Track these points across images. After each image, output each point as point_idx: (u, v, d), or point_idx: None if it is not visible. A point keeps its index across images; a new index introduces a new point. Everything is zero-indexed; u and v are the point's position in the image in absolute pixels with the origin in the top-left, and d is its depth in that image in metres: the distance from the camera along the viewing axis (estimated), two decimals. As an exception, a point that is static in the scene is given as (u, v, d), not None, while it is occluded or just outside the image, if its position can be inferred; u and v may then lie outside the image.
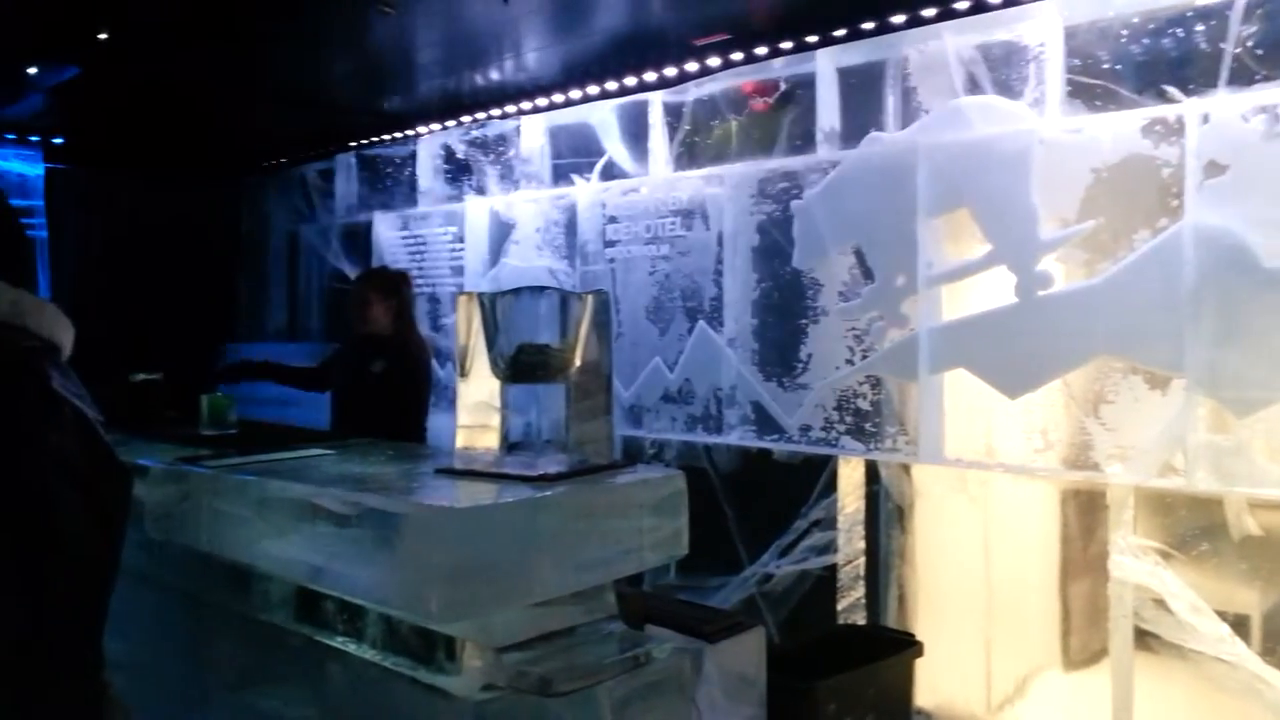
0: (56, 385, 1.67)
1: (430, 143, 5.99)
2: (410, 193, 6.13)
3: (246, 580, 2.33)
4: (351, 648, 2.15)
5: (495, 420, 1.96)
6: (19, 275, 1.75)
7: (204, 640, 2.51)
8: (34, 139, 6.46)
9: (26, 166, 6.50)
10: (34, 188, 6.51)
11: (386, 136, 6.27)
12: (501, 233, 5.47)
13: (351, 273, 6.48)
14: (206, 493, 2.22)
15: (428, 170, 6.00)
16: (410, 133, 6.09)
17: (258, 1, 3.94)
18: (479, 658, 1.94)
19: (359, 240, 6.48)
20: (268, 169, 7.34)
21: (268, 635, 2.31)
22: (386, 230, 6.24)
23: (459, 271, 5.70)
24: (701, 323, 4.46)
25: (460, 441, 2.02)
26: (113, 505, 1.73)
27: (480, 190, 5.64)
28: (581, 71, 4.93)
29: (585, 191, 5.00)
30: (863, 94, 3.98)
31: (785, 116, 4.22)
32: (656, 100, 4.70)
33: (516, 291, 1.95)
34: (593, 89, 5.03)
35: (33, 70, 4.62)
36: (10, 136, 6.35)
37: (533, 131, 5.34)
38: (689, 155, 4.59)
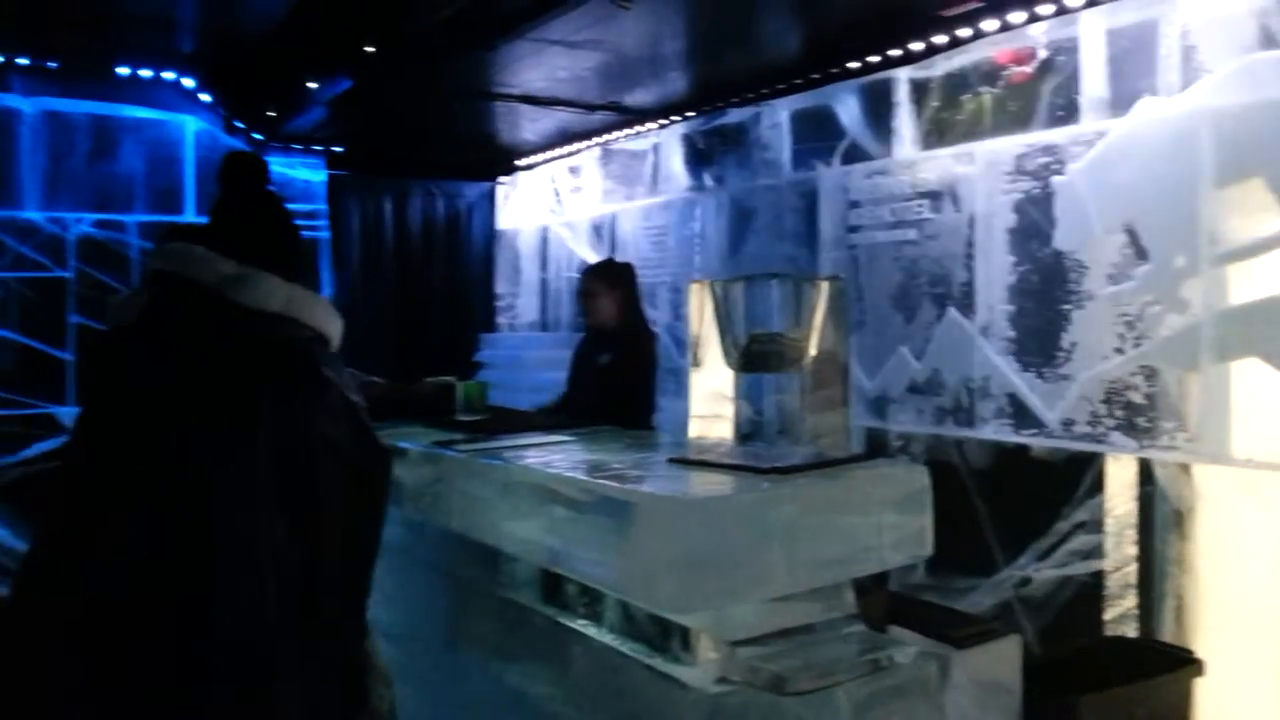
0: (326, 373, 1.80)
1: (671, 134, 6.05)
2: (652, 184, 6.22)
3: (496, 560, 2.43)
4: (591, 631, 2.19)
5: (728, 410, 1.92)
6: (295, 272, 1.90)
7: (461, 615, 2.64)
8: (317, 148, 7.07)
9: (311, 173, 7.14)
10: (318, 193, 7.14)
11: (629, 130, 6.39)
12: (741, 221, 5.44)
13: (597, 265, 6.68)
14: (457, 476, 2.32)
15: (668, 161, 6.07)
16: (652, 125, 6.17)
17: (508, 10, 4.10)
18: (714, 650, 1.91)
19: (604, 233, 6.66)
20: (521, 167, 7.68)
21: (515, 613, 2.40)
22: (629, 222, 6.37)
23: (698, 260, 5.73)
24: (951, 310, 4.23)
25: (693, 431, 2.00)
26: (375, 485, 1.84)
27: (719, 180, 5.64)
28: (822, 53, 4.80)
29: (826, 176, 4.87)
30: (1134, 56, 3.63)
31: (1045, 86, 3.91)
32: (902, 77, 4.50)
33: (748, 279, 1.90)
34: (834, 70, 4.89)
35: (312, 85, 5.05)
36: (297, 147, 6.98)
37: (772, 117, 5.27)
38: (937, 133, 4.37)
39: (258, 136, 6.61)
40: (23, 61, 5.56)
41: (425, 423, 2.99)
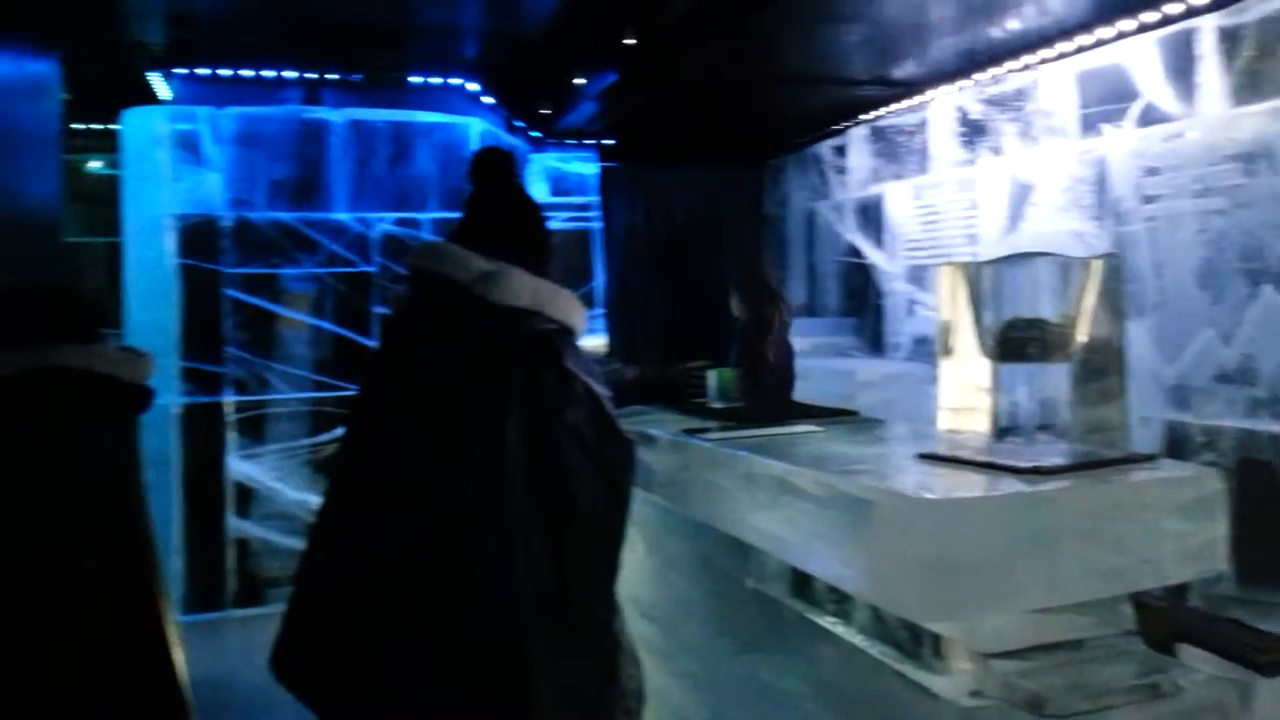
0: (569, 364, 1.84)
1: (942, 106, 5.73)
2: (922, 160, 5.93)
3: (747, 550, 2.40)
4: (841, 629, 2.11)
5: (983, 403, 1.77)
6: (541, 266, 1.95)
7: (716, 602, 2.63)
8: (589, 142, 7.32)
9: (584, 167, 7.41)
10: (591, 186, 7.40)
11: (897, 105, 6.12)
12: (1020, 195, 5.06)
13: (865, 248, 6.46)
14: (703, 464, 2.31)
15: (940, 135, 5.76)
16: (921, 98, 5.88)
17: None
18: (968, 661, 1.78)
19: (872, 214, 6.44)
20: (786, 150, 7.58)
21: (766, 606, 2.36)
22: (898, 201, 6.11)
23: (974, 239, 5.40)
24: (1268, 288, 3.72)
25: (944, 425, 1.86)
26: (618, 472, 1.86)
27: (996, 151, 5.27)
28: (1113, 5, 4.35)
29: (1117, 142, 4.42)
30: None
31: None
32: (1207, 26, 4.00)
33: (1005, 259, 1.73)
34: (1126, 24, 4.42)
35: (580, 80, 5.22)
36: (571, 142, 7.26)
37: (1054, 81, 4.86)
38: (1251, 87, 3.84)
39: (535, 134, 6.94)
40: (332, 77, 6.15)
41: (679, 409, 3.00)
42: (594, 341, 6.81)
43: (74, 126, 5.83)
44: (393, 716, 1.72)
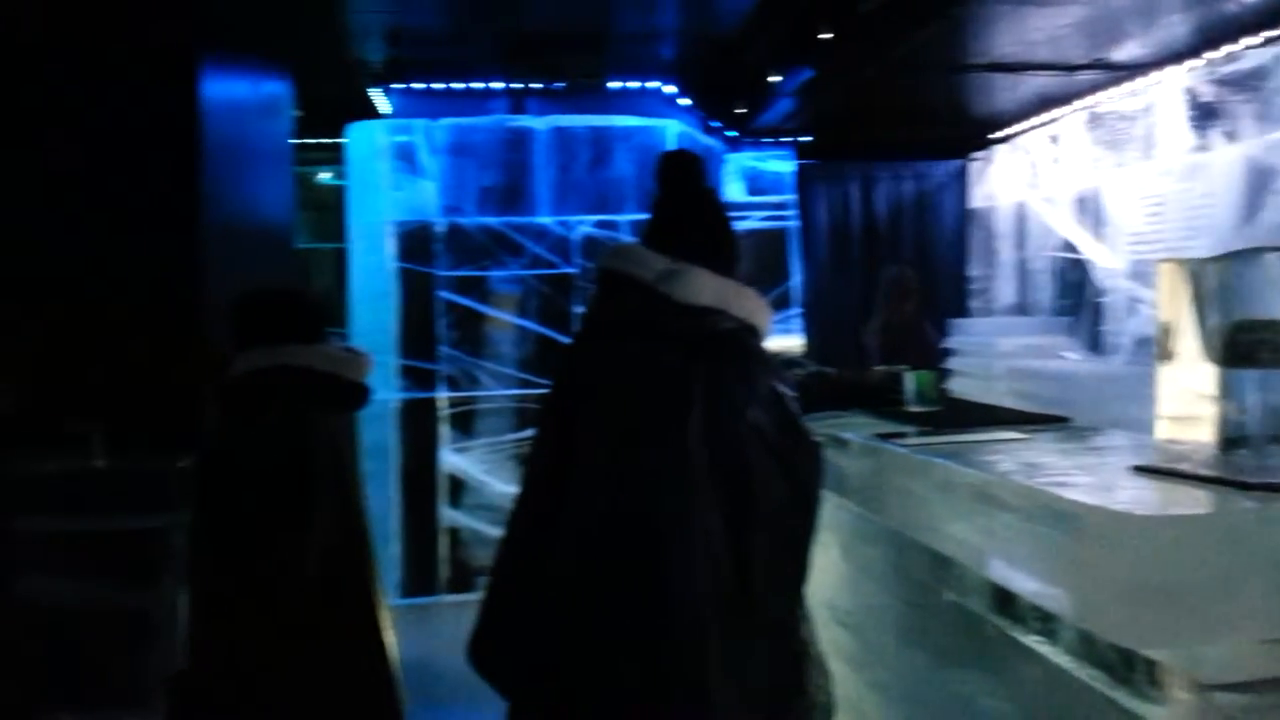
0: (753, 363, 1.83)
1: (1169, 89, 5.32)
2: (1146, 148, 5.52)
3: (944, 561, 2.32)
4: (1046, 649, 2.00)
5: (1207, 411, 1.63)
6: (727, 265, 1.95)
7: (912, 613, 2.56)
8: (786, 140, 7.25)
9: (781, 165, 7.34)
10: (787, 184, 7.33)
11: (1118, 89, 5.73)
12: (1258, 184, 4.62)
13: (1082, 243, 6.09)
14: (896, 470, 2.24)
15: (1167, 120, 5.34)
16: (1145, 81, 5.48)
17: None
18: (1187, 692, 1.65)
19: (1089, 206, 6.05)
20: (993, 141, 7.24)
21: (965, 619, 2.27)
22: (1120, 192, 5.71)
23: (1204, 232, 4.98)
24: None
25: (1161, 434, 1.73)
26: (803, 473, 1.84)
27: (1230, 136, 4.84)
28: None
29: (1379, 120, 3.98)
30: None
31: None
32: None
33: (1234, 255, 1.59)
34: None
35: (775, 78, 5.18)
36: (768, 140, 7.22)
37: (1302, 56, 4.41)
38: None
39: (731, 133, 6.94)
40: (536, 86, 6.37)
41: (874, 413, 2.93)
42: (789, 342, 6.74)
43: (304, 141, 6.30)
44: (577, 711, 1.76)
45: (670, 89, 6.44)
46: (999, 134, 7.12)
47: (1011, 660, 2.07)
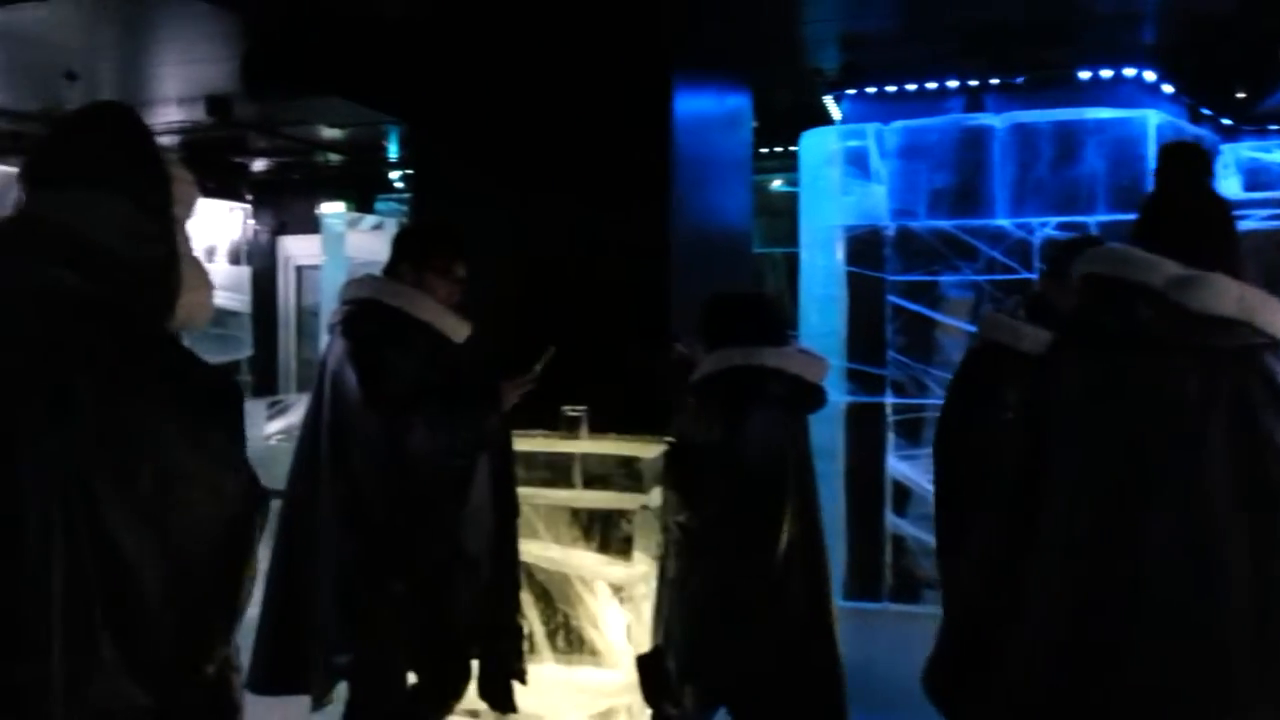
0: None
1: None
2: None
3: None
4: None
5: None
6: (1239, 271, 1.70)
7: None
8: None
9: (1292, 156, 6.33)
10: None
11: None
12: None
13: None
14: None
15: None
16: None
17: None
18: None
19: None
20: None
21: None
22: None
23: None
24: None
25: None
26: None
27: None
28: None
29: None
30: None
31: None
32: None
33: None
34: None
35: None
36: (1273, 127, 6.27)
37: None
38: None
39: (1226, 121, 6.11)
40: (994, 82, 6.07)
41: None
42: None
43: (760, 150, 6.54)
44: None
45: (1150, 75, 5.81)
46: None
47: None
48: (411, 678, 2.84)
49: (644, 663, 2.72)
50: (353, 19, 5.44)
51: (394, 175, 10.07)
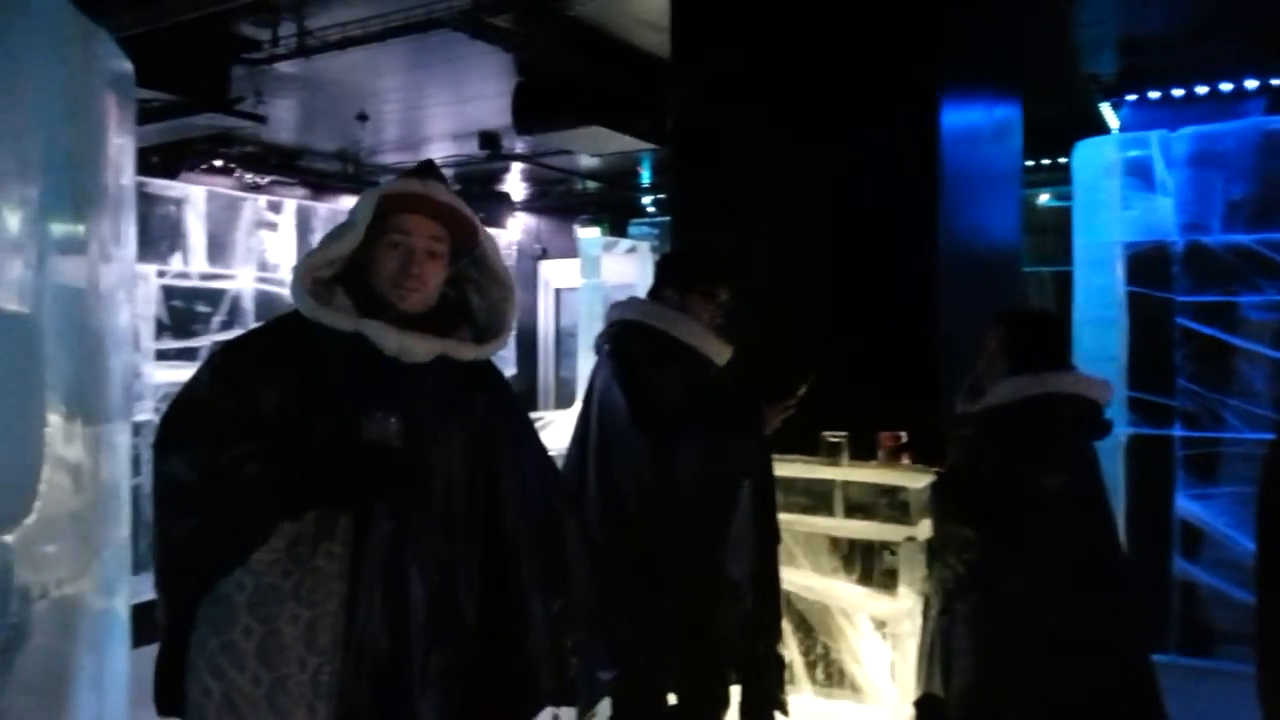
0: None
1: None
2: None
3: None
4: None
5: None
6: None
7: None
8: None
9: None
10: None
11: None
12: None
13: None
14: None
15: None
16: None
17: None
18: None
19: None
20: None
21: None
22: None
23: None
24: None
25: None
26: None
27: None
28: None
29: None
30: None
31: None
32: None
33: None
34: None
35: None
36: None
37: None
38: None
39: None
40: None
41: None
42: None
43: (1026, 163, 6.19)
44: None
45: None
46: None
47: None
48: (672, 699, 2.83)
49: (924, 709, 2.58)
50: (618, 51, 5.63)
51: (646, 200, 10.33)
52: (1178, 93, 5.91)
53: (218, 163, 8.65)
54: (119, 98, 2.50)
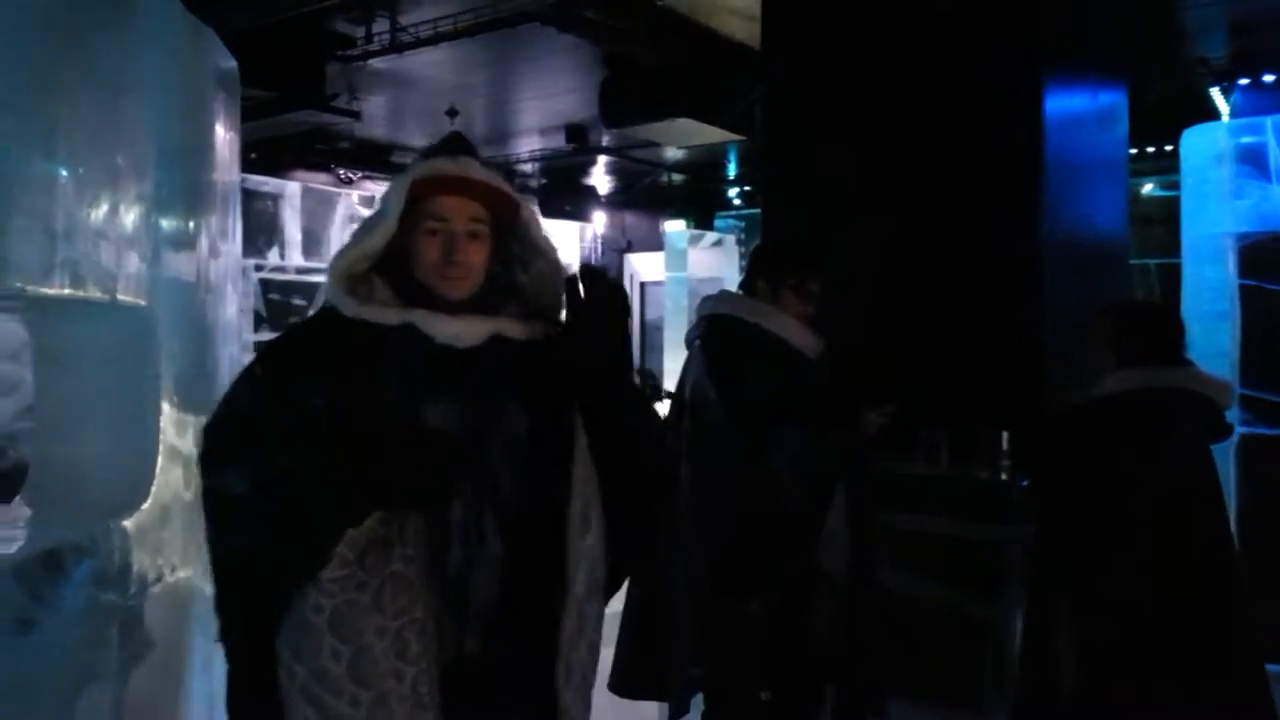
0: None
1: None
2: None
3: None
4: None
5: None
6: None
7: None
8: None
9: None
10: None
11: None
12: None
13: None
14: None
15: None
16: None
17: None
18: None
19: None
20: None
21: None
22: None
23: None
24: None
25: None
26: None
27: None
28: None
29: None
30: None
31: None
32: None
33: None
34: None
35: None
36: None
37: None
38: None
39: None
40: None
41: None
42: None
43: (1130, 152, 5.96)
44: None
45: None
46: None
47: None
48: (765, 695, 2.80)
49: (1024, 712, 2.50)
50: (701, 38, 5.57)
51: (732, 193, 10.26)
52: (1293, 77, 5.64)
53: (313, 159, 8.86)
54: (225, 95, 2.56)
